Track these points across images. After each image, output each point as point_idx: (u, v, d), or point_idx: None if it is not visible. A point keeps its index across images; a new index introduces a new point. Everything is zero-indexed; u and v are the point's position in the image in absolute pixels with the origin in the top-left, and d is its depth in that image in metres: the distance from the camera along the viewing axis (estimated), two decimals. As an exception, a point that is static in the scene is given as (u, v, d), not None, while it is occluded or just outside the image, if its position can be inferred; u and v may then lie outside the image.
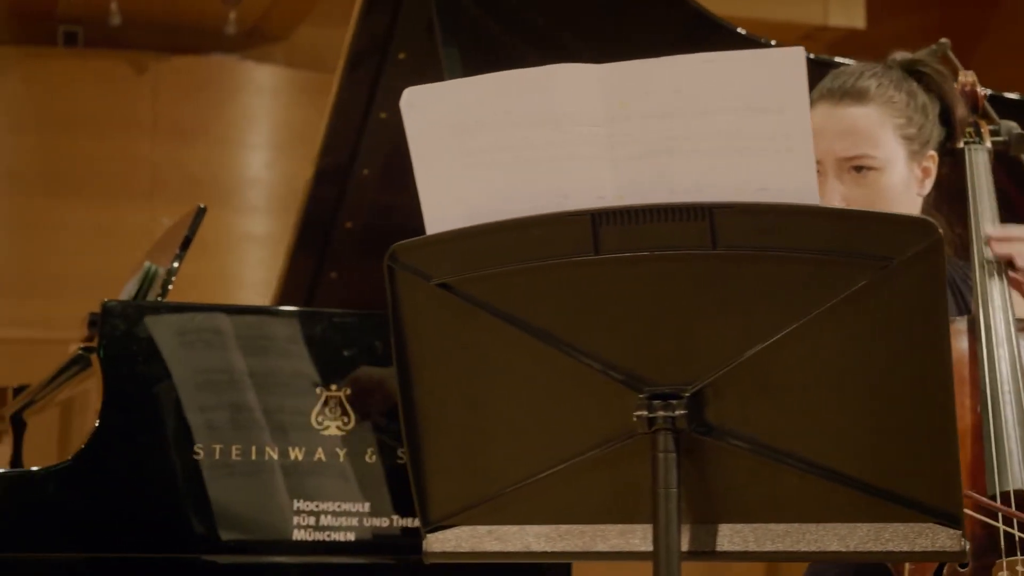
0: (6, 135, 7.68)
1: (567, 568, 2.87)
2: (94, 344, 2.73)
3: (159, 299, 3.04)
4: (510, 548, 1.97)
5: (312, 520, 2.71)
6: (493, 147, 1.88)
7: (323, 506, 2.72)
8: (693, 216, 1.81)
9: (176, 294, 8.45)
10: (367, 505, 2.74)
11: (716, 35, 3.74)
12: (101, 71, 7.79)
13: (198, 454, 2.68)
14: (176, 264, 3.13)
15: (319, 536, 2.71)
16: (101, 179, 7.68)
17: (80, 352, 3.17)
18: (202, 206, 3.22)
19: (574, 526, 1.96)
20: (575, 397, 1.91)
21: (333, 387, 2.75)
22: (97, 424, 2.65)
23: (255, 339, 2.75)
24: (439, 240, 1.92)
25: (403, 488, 2.77)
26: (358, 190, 3.80)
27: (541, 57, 3.67)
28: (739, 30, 3.72)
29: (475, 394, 1.94)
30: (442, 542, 1.99)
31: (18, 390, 3.98)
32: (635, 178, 1.84)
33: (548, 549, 1.95)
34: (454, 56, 3.30)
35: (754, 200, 1.81)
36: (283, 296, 3.94)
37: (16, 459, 4.00)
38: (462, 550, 1.98)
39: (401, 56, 3.57)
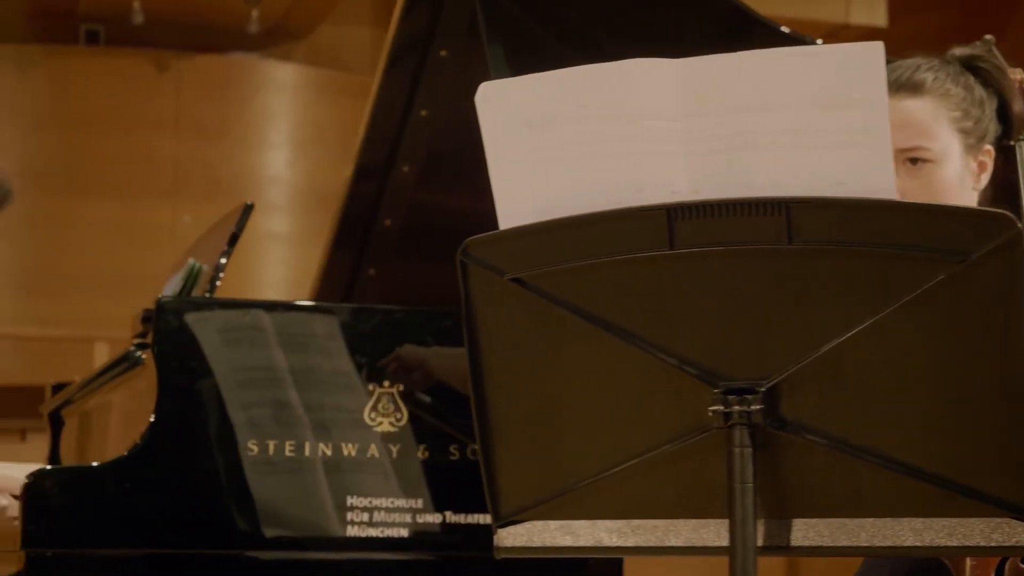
0: (29, 133, 7.69)
1: (618, 565, 2.87)
2: (148, 340, 2.73)
3: (208, 296, 3.04)
4: (581, 543, 1.97)
5: (365, 516, 2.72)
6: (567, 142, 1.88)
7: (376, 502, 2.73)
8: (769, 211, 1.81)
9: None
10: (419, 501, 2.74)
11: (753, 30, 3.73)
12: (123, 69, 7.80)
13: (252, 450, 2.68)
14: (224, 260, 3.13)
15: (372, 532, 2.72)
16: (123, 177, 7.69)
17: (129, 351, 3.17)
18: (249, 203, 3.23)
19: (646, 521, 1.96)
20: (648, 392, 1.91)
21: (386, 383, 2.76)
22: (152, 419, 2.65)
23: (307, 335, 2.75)
24: (513, 235, 1.92)
25: (455, 484, 2.78)
26: (398, 187, 3.80)
27: (580, 56, 3.68)
28: (779, 26, 3.72)
29: (548, 389, 1.95)
30: (513, 536, 1.99)
31: (57, 387, 3.98)
32: (710, 172, 1.84)
33: (620, 544, 1.95)
34: (499, 54, 3.30)
35: (831, 195, 1.80)
36: (321, 293, 3.94)
37: (54, 457, 4.00)
38: (533, 545, 1.98)
39: (443, 54, 3.57)
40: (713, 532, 1.93)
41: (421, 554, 2.74)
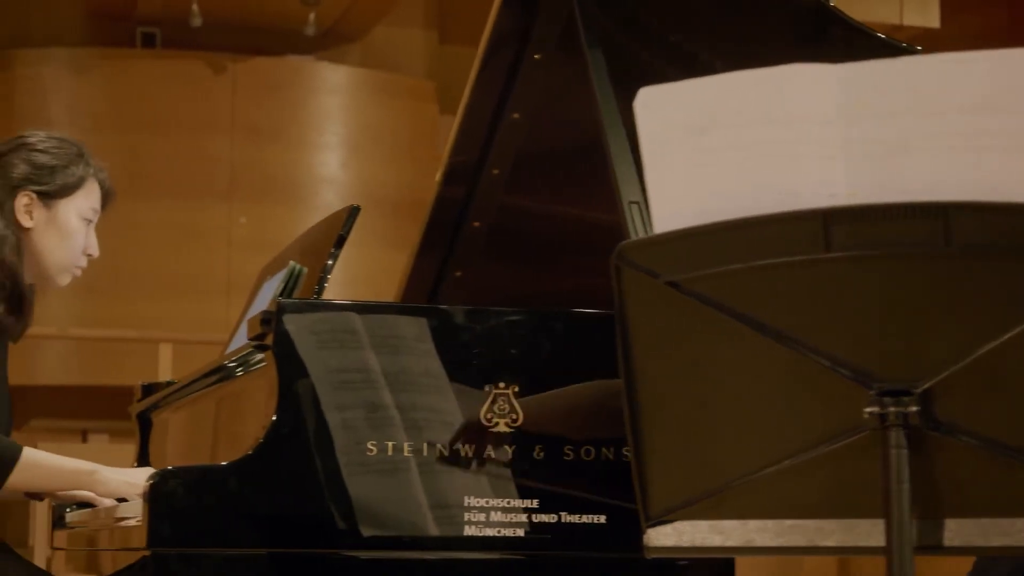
0: (86, 135, 7.69)
1: (730, 565, 2.89)
2: (267, 342, 2.76)
3: (316, 297, 3.07)
4: (731, 543, 1.99)
5: (482, 516, 2.74)
6: (725, 146, 1.91)
7: (492, 502, 2.75)
8: (927, 215, 1.84)
9: (246, 292, 8.46)
10: (535, 501, 2.77)
11: (832, 29, 3.76)
12: (180, 72, 7.86)
13: (371, 450, 2.71)
14: (331, 262, 3.16)
15: (489, 532, 2.74)
16: (180, 179, 7.74)
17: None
18: (356, 206, 3.25)
19: (797, 521, 1.98)
20: (801, 393, 1.93)
21: (502, 384, 2.78)
22: (274, 419, 2.68)
23: (424, 337, 2.78)
24: (668, 239, 1.94)
25: (570, 484, 2.80)
26: (487, 190, 3.82)
27: (669, 61, 3.71)
28: (858, 25, 3.75)
29: (700, 390, 1.97)
30: (663, 536, 2.02)
31: (146, 388, 4.02)
32: (868, 177, 1.87)
33: (771, 544, 1.98)
34: (599, 57, 3.33)
35: (989, 199, 1.83)
36: (407, 294, 3.97)
37: (143, 457, 4.04)
38: (683, 544, 2.00)
39: (536, 57, 3.59)
40: (864, 532, 1.96)
41: (537, 553, 2.77)
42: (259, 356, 2.90)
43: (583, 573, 2.81)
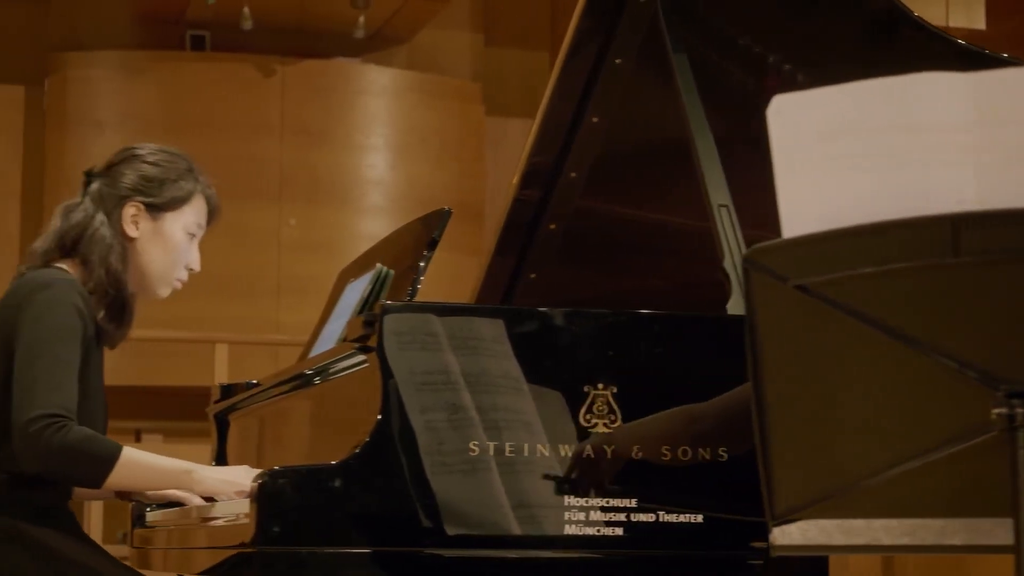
0: (137, 138, 7.73)
1: (824, 563, 2.93)
2: (371, 343, 2.81)
3: (409, 299, 3.12)
4: (857, 542, 2.03)
5: (582, 516, 2.78)
6: (855, 153, 1.95)
7: (591, 502, 2.79)
8: (1057, 220, 1.87)
9: (296, 293, 8.47)
10: (634, 501, 2.81)
11: (901, 30, 3.79)
12: (229, 75, 7.91)
13: (473, 451, 2.75)
14: (423, 264, 3.20)
15: (588, 531, 2.78)
16: (231, 181, 7.77)
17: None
18: (447, 209, 3.30)
19: (922, 520, 2.02)
20: (928, 394, 1.97)
21: (600, 385, 2.82)
22: (379, 419, 2.73)
23: (523, 339, 2.82)
24: (797, 243, 1.98)
25: (667, 484, 2.84)
26: (564, 193, 3.86)
27: (736, 66, 3.75)
28: (928, 25, 3.78)
29: (826, 392, 2.01)
30: (788, 535, 2.06)
31: (225, 389, 4.06)
32: (997, 183, 1.90)
33: (896, 543, 2.01)
34: (684, 62, 3.37)
35: (1118, 204, 1.86)
36: (481, 296, 4.01)
37: (220, 459, 4.08)
38: (809, 543, 2.04)
39: (617, 62, 3.63)
40: (990, 531, 1.99)
41: (635, 552, 2.81)
42: (359, 358, 2.94)
43: (680, 571, 2.85)
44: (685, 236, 3.99)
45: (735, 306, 3.06)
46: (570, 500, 2.79)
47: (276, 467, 2.72)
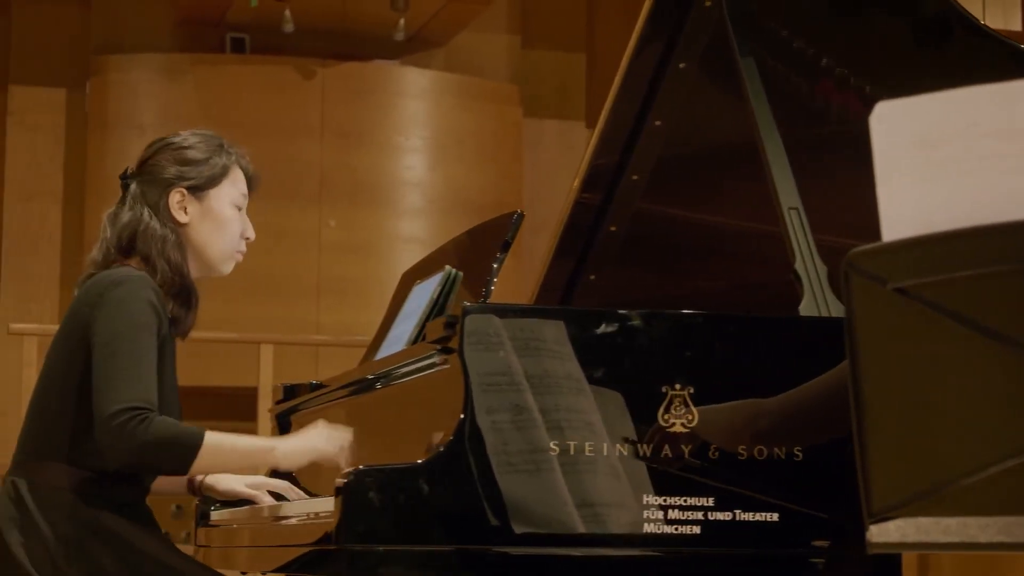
0: (181, 141, 7.85)
1: (897, 561, 2.97)
2: (453, 344, 2.85)
3: (483, 300, 3.16)
4: (953, 539, 2.06)
5: (660, 514, 2.82)
6: (957, 158, 1.98)
7: (670, 500, 2.83)
8: None
9: (336, 294, 8.51)
10: (711, 499, 2.85)
11: (954, 31, 3.82)
12: (269, 77, 7.97)
13: (554, 450, 2.79)
14: (496, 266, 3.25)
15: (667, 529, 2.82)
16: (271, 182, 7.80)
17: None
18: (520, 212, 3.34)
19: (1017, 518, 2.05)
20: (1025, 394, 2.00)
21: (677, 386, 2.86)
22: (461, 418, 2.77)
23: (602, 340, 2.86)
24: (897, 247, 2.02)
25: (744, 483, 2.88)
26: (625, 195, 3.90)
27: (791, 69, 3.78)
28: (980, 24, 3.81)
29: (925, 392, 2.04)
30: (885, 533, 2.09)
31: (288, 388, 4.10)
32: (1098, 187, 1.94)
33: (994, 540, 2.05)
34: (751, 66, 3.40)
35: None
36: (540, 298, 4.05)
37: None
38: (906, 540, 2.08)
39: (681, 66, 3.67)
40: (1086, 529, 2.03)
41: (713, 550, 2.85)
42: (437, 358, 2.98)
43: (756, 569, 2.89)
44: (742, 239, 4.03)
45: (807, 307, 3.10)
46: (649, 499, 2.82)
47: (361, 466, 2.76)
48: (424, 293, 3.60)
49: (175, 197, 3.33)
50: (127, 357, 3.16)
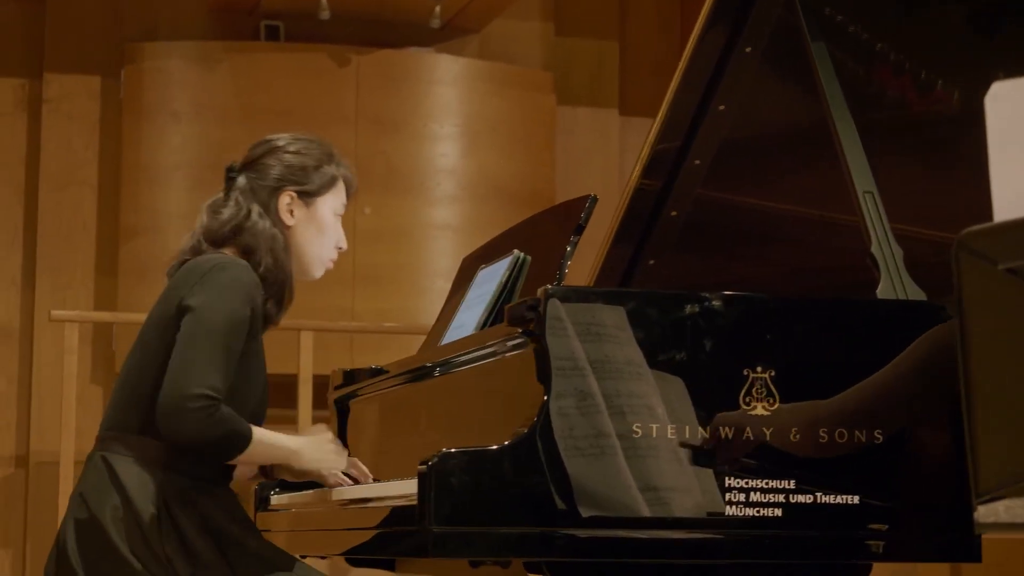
0: (215, 128, 7.86)
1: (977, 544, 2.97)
2: (532, 328, 2.86)
3: (556, 284, 3.17)
4: (1061, 519, 2.06)
5: (742, 497, 2.83)
6: (1071, 138, 1.98)
7: (751, 483, 2.84)
8: None
9: (371, 281, 8.53)
10: (792, 482, 2.85)
11: (1007, 22, 3.82)
12: (304, 65, 7.95)
13: (636, 432, 2.80)
14: (570, 249, 3.26)
15: (748, 512, 2.83)
16: (306, 170, 7.83)
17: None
18: (593, 195, 3.34)
19: None
20: None
21: (759, 369, 2.87)
22: (545, 400, 2.78)
23: (682, 324, 2.86)
24: (1009, 227, 2.02)
25: (824, 466, 2.89)
26: (687, 180, 3.91)
27: (849, 57, 3.78)
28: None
29: (1035, 372, 2.05)
30: (992, 513, 2.10)
31: (348, 374, 4.12)
32: None
33: (1103, 520, 2.05)
34: (823, 50, 3.40)
35: None
36: (598, 281, 4.06)
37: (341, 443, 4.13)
38: (1015, 521, 2.08)
39: (748, 50, 3.67)
40: None
41: (794, 533, 2.85)
42: (515, 342, 2.98)
43: (834, 551, 2.90)
44: (798, 224, 4.03)
45: (885, 290, 3.10)
46: (731, 481, 2.83)
47: (445, 449, 2.77)
48: (491, 278, 3.60)
49: (284, 199, 3.42)
50: (212, 343, 3.22)
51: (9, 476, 7.89)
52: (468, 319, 3.59)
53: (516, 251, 3.50)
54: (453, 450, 2.75)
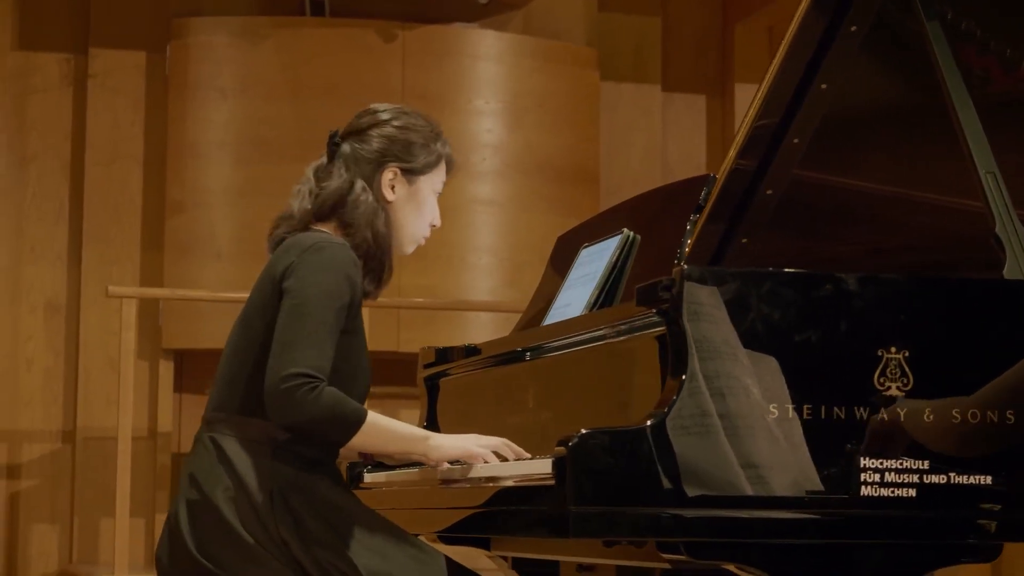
0: (261, 104, 7.85)
1: None
2: (666, 307, 2.87)
3: (678, 263, 3.18)
4: None
5: (877, 477, 2.84)
6: None
7: (886, 463, 2.84)
8: None
9: (417, 258, 8.54)
10: (926, 463, 2.86)
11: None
12: (350, 40, 7.95)
13: (772, 412, 2.81)
14: (690, 228, 3.26)
15: (883, 492, 2.84)
16: (353, 146, 7.82)
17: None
18: (712, 175, 3.34)
19: None
20: None
21: (893, 349, 2.87)
22: (682, 380, 2.79)
23: (820, 303, 2.87)
24: None
25: (959, 446, 2.89)
26: (785, 158, 3.90)
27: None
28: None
29: None
30: None
31: (440, 352, 4.12)
32: None
33: None
34: (937, 28, 3.40)
35: None
36: (690, 260, 4.05)
37: (431, 423, 4.14)
38: None
39: (853, 29, 3.66)
40: None
41: (928, 513, 2.87)
42: (645, 321, 2.99)
43: (969, 531, 2.91)
44: (892, 204, 4.04)
45: (1011, 271, 3.11)
46: (866, 461, 2.84)
47: (585, 430, 2.77)
48: (598, 257, 3.60)
49: (388, 175, 3.41)
50: (313, 323, 3.21)
51: (56, 451, 7.90)
52: (574, 298, 3.60)
53: (625, 230, 3.50)
54: (592, 430, 2.75)
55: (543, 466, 2.89)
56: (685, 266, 2.85)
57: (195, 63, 7.93)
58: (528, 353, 3.56)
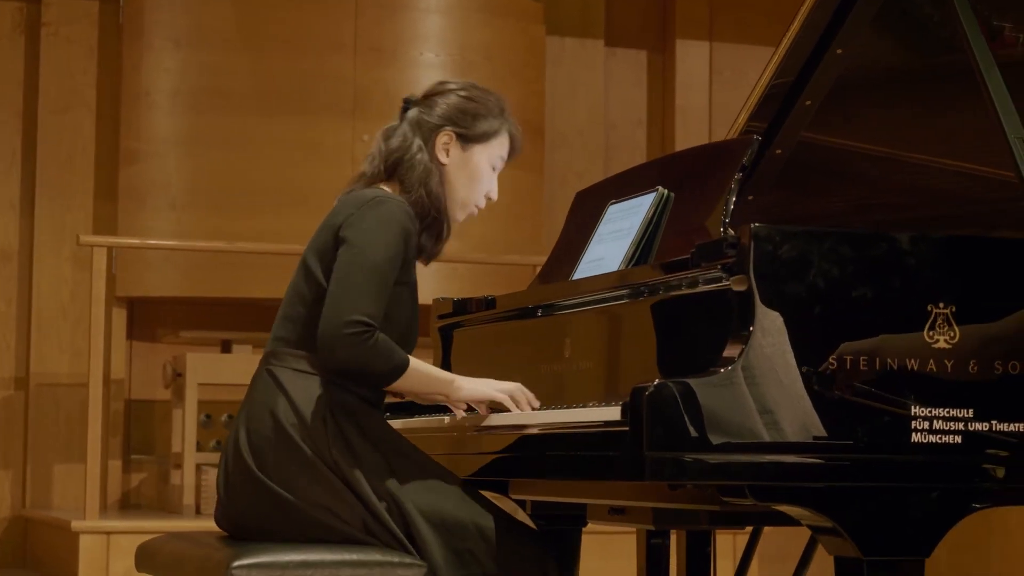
0: (218, 55, 7.89)
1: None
2: (731, 263, 3.02)
3: (726, 221, 3.33)
4: None
5: (926, 424, 3.02)
6: None
7: (935, 412, 3.03)
8: None
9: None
10: (971, 411, 3.05)
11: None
12: (306, -8, 8.01)
13: (832, 364, 2.98)
14: (733, 186, 3.42)
15: (932, 439, 3.02)
16: (306, 97, 7.91)
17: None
18: (757, 136, 3.50)
19: None
20: None
21: (941, 304, 3.05)
22: (750, 332, 2.94)
23: (876, 260, 3.04)
24: None
25: (1000, 395, 3.08)
26: (796, 119, 4.05)
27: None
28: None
29: None
30: None
31: (459, 303, 4.24)
32: None
33: None
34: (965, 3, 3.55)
35: None
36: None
37: (446, 368, 4.27)
38: None
39: (872, -6, 3.81)
40: None
41: (973, 458, 3.05)
42: (709, 276, 3.14)
43: (1012, 475, 3.10)
44: (894, 166, 4.20)
45: (1047, 230, 3.29)
46: (916, 410, 3.02)
47: (659, 380, 2.92)
48: (630, 214, 3.73)
49: (442, 138, 3.56)
50: (370, 271, 3.38)
51: (9, 398, 7.94)
52: (607, 253, 3.73)
53: (660, 188, 3.65)
54: (667, 380, 2.90)
55: (603, 413, 3.05)
56: (754, 224, 3.00)
57: (149, 12, 7.96)
58: (566, 306, 3.69)
